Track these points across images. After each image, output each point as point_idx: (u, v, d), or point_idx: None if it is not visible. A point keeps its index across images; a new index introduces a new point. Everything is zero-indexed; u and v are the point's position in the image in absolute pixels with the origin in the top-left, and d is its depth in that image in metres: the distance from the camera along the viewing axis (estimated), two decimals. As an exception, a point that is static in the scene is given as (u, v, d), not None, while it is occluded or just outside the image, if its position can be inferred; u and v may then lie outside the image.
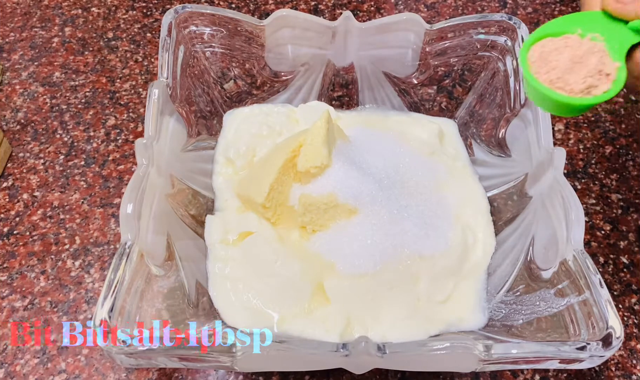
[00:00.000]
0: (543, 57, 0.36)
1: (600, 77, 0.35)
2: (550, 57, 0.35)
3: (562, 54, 0.35)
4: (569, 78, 0.35)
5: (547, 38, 0.36)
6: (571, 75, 0.35)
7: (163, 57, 0.47)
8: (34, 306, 0.46)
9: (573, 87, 0.35)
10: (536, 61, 0.36)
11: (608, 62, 0.35)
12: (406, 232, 0.45)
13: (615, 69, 0.35)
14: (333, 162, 0.45)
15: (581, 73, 0.35)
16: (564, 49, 0.36)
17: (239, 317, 0.42)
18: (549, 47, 0.36)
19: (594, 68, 0.35)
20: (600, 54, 0.35)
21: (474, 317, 0.44)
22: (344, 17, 0.51)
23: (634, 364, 0.45)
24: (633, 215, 0.53)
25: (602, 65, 0.35)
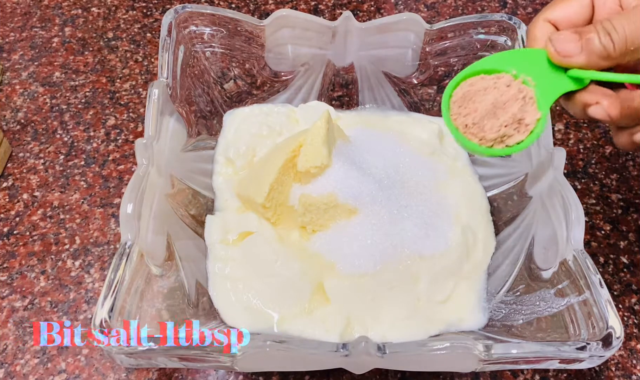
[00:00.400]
0: (467, 97, 0.35)
1: (518, 126, 0.34)
2: (475, 97, 0.35)
3: (486, 96, 0.34)
4: (485, 124, 0.34)
5: (480, 75, 0.35)
6: (489, 121, 0.34)
7: (163, 57, 0.47)
8: (34, 306, 0.46)
9: (487, 134, 0.34)
10: (458, 100, 0.35)
11: (531, 110, 0.34)
12: (406, 232, 0.45)
13: (535, 120, 0.34)
14: (333, 162, 0.45)
15: (499, 120, 0.34)
16: (492, 90, 0.34)
17: (239, 317, 0.42)
18: (477, 86, 0.35)
19: (513, 116, 0.34)
20: (525, 102, 0.34)
21: (474, 317, 0.44)
22: (344, 17, 0.51)
23: (634, 364, 0.45)
24: (633, 215, 0.53)
25: (523, 113, 0.34)
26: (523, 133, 0.34)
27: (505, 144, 0.35)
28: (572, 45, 0.33)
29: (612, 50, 0.32)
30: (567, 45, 0.34)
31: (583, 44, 0.33)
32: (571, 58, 0.33)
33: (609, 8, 0.35)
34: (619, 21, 0.32)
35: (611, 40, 0.32)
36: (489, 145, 0.35)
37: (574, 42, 0.33)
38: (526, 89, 0.34)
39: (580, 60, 0.33)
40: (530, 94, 0.34)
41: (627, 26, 0.32)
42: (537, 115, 0.34)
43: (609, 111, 0.33)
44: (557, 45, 0.34)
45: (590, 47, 0.33)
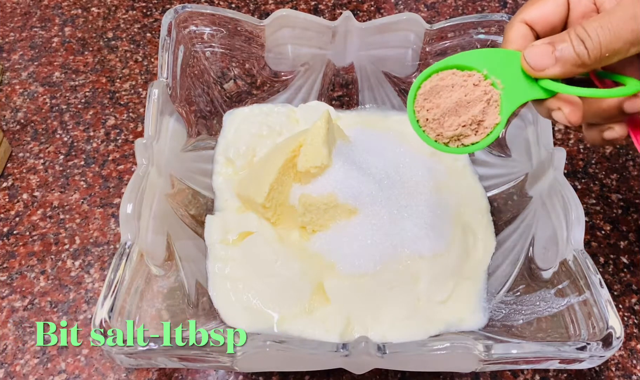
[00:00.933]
0: (435, 91, 0.35)
1: (477, 127, 0.35)
2: (442, 92, 0.35)
3: (452, 93, 0.34)
4: (446, 121, 0.35)
5: (453, 70, 0.35)
6: (449, 119, 0.35)
7: (163, 57, 0.47)
8: (33, 306, 0.46)
9: (445, 131, 0.35)
10: (425, 93, 0.35)
11: (492, 114, 0.34)
12: (406, 232, 0.45)
13: (493, 125, 0.35)
14: (333, 162, 0.45)
15: (460, 119, 0.34)
16: (459, 88, 0.34)
17: (239, 317, 0.42)
18: (447, 81, 0.35)
19: (473, 117, 0.34)
20: (488, 104, 0.34)
21: (474, 317, 0.44)
22: (344, 17, 0.51)
23: (634, 364, 0.45)
24: (633, 215, 0.53)
25: (484, 115, 0.34)
26: (479, 135, 0.35)
27: (461, 142, 0.35)
28: (546, 59, 0.33)
29: (586, 58, 0.32)
30: (540, 59, 0.33)
31: (557, 55, 0.33)
32: (546, 71, 0.33)
33: (584, 6, 0.35)
34: (592, 27, 0.32)
35: (585, 48, 0.32)
36: (445, 142, 0.35)
37: (547, 55, 0.33)
38: (493, 91, 0.34)
39: (555, 71, 0.33)
40: (496, 97, 0.34)
41: (601, 33, 0.32)
42: (496, 119, 0.34)
43: (569, 118, 0.34)
44: (530, 60, 0.34)
45: (565, 57, 0.33)
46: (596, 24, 0.32)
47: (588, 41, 0.32)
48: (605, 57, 0.32)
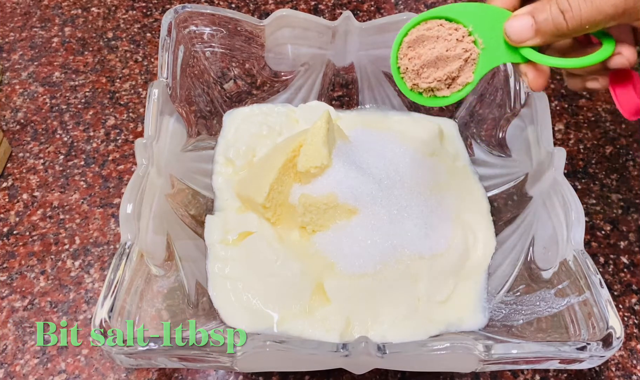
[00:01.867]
0: (420, 40, 0.36)
1: (451, 82, 0.36)
2: (426, 43, 0.36)
3: (436, 45, 0.36)
4: (424, 72, 0.36)
5: (441, 20, 0.36)
6: (427, 71, 0.36)
7: (163, 57, 0.47)
8: (33, 306, 0.46)
9: (420, 82, 0.36)
10: (410, 42, 0.36)
11: (467, 72, 0.36)
12: (406, 233, 0.45)
13: (465, 83, 0.36)
14: (333, 162, 0.45)
15: (436, 73, 0.36)
16: (442, 41, 0.36)
17: (239, 317, 0.42)
18: (433, 31, 0.36)
19: (449, 73, 0.36)
20: (466, 62, 0.36)
21: (474, 317, 0.44)
22: (344, 17, 0.51)
23: (634, 364, 0.45)
24: (633, 215, 0.53)
25: (459, 72, 0.36)
26: (450, 90, 0.37)
27: (433, 94, 0.37)
28: (526, 32, 0.34)
29: (565, 30, 0.33)
30: (520, 32, 0.34)
31: (536, 27, 0.34)
32: (525, 42, 0.35)
33: None
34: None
35: (565, 20, 0.33)
36: (419, 92, 0.37)
37: (526, 29, 0.34)
38: (473, 49, 0.36)
39: (534, 42, 0.35)
40: (474, 55, 0.36)
41: (583, 5, 0.32)
42: (469, 78, 0.36)
43: (531, 85, 0.36)
44: (510, 33, 0.35)
45: (543, 29, 0.34)
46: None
47: (569, 13, 0.33)
48: (584, 28, 0.33)
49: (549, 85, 0.63)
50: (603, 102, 0.61)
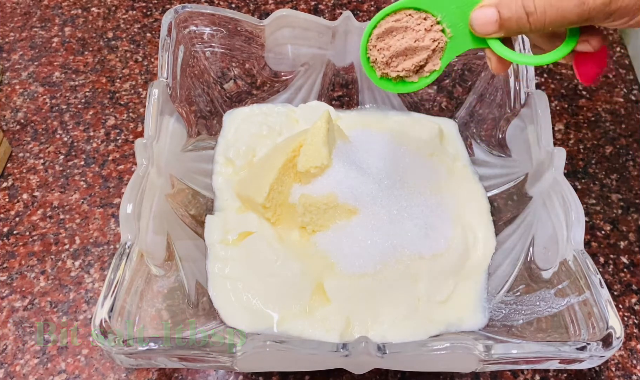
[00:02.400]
0: (388, 32, 0.37)
1: (418, 69, 0.38)
2: (396, 33, 0.37)
3: (405, 36, 0.37)
4: (393, 62, 0.37)
5: (410, 10, 0.37)
6: (396, 60, 0.37)
7: (163, 57, 0.47)
8: (33, 306, 0.46)
9: (390, 72, 0.38)
10: (380, 33, 0.37)
11: (434, 59, 0.37)
12: (406, 233, 0.45)
13: (432, 70, 0.38)
14: (333, 162, 0.45)
15: (404, 63, 0.37)
16: (411, 32, 0.37)
17: (239, 317, 0.42)
18: (402, 22, 0.37)
19: (417, 63, 0.37)
20: (433, 52, 0.37)
21: (474, 317, 0.44)
22: (344, 17, 0.51)
23: (634, 364, 0.45)
24: (633, 215, 0.53)
25: (427, 60, 0.37)
26: (418, 76, 0.38)
27: (402, 80, 0.38)
28: (489, 26, 0.35)
29: (527, 29, 0.34)
30: (484, 25, 0.35)
31: (500, 22, 0.34)
32: (490, 35, 0.35)
33: None
34: (541, 2, 0.32)
35: (528, 21, 0.33)
36: (388, 79, 0.39)
37: (491, 22, 0.35)
38: (441, 39, 0.37)
39: (498, 35, 0.35)
40: (442, 44, 0.37)
41: (548, 9, 0.32)
42: (436, 66, 0.37)
43: (495, 70, 0.37)
44: (476, 26, 0.35)
45: (506, 25, 0.34)
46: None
47: (533, 16, 0.33)
48: (547, 29, 0.33)
49: (549, 85, 0.63)
50: (603, 102, 0.61)
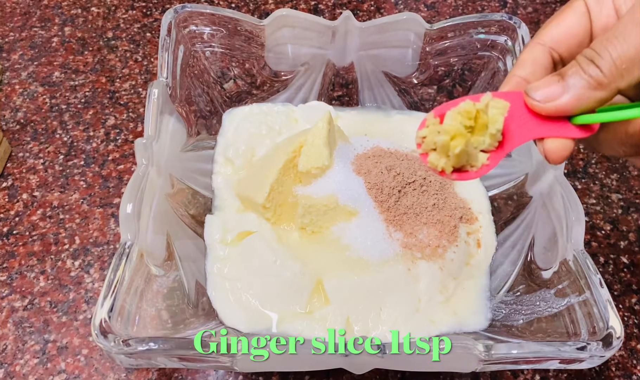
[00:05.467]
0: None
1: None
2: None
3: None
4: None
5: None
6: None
7: (163, 56, 0.47)
8: (33, 306, 0.46)
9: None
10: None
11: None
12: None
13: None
14: (334, 163, 0.45)
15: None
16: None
17: (238, 318, 0.42)
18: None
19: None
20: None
21: (474, 318, 0.44)
22: (344, 17, 0.51)
23: (634, 364, 0.45)
24: (633, 215, 0.53)
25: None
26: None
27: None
28: (553, 87, 0.29)
29: (601, 77, 0.28)
30: (546, 88, 0.29)
31: (565, 83, 0.29)
32: (557, 100, 0.29)
33: (606, 16, 0.31)
34: (599, 42, 0.28)
35: (596, 66, 0.28)
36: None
37: (554, 84, 0.29)
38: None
39: (567, 99, 0.29)
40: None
41: (610, 45, 0.28)
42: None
43: (552, 161, 0.31)
44: (534, 93, 0.30)
45: (575, 83, 0.28)
46: (603, 38, 0.28)
47: (597, 58, 0.28)
48: (623, 69, 0.28)
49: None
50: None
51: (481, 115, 0.30)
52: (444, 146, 0.30)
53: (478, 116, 0.30)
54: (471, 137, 0.31)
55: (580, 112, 0.29)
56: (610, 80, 0.28)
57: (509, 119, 0.30)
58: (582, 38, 0.32)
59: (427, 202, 0.46)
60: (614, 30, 0.28)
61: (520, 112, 0.31)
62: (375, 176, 0.46)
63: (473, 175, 0.32)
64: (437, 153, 0.31)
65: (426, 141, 0.32)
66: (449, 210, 0.47)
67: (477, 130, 0.31)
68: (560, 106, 0.29)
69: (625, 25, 0.28)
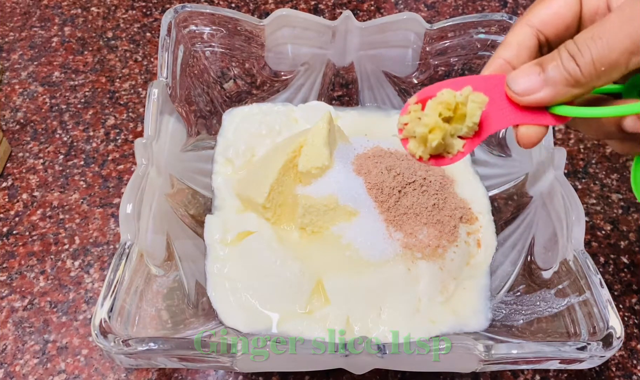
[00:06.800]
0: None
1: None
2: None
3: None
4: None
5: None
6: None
7: (163, 56, 0.47)
8: (33, 306, 0.46)
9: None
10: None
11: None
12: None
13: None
14: (334, 163, 0.45)
15: None
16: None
17: (238, 318, 0.42)
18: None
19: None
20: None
21: (475, 318, 0.44)
22: (344, 17, 0.51)
23: (634, 364, 0.45)
24: (633, 215, 0.53)
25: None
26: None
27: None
28: (533, 79, 0.30)
29: (579, 75, 0.28)
30: (526, 80, 0.30)
31: (545, 76, 0.29)
32: (535, 94, 0.30)
33: (596, 1, 0.31)
34: (583, 39, 0.28)
35: (577, 64, 0.28)
36: None
37: (534, 74, 0.30)
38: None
39: (545, 94, 0.29)
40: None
41: (592, 44, 0.28)
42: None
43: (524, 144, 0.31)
44: (514, 85, 0.30)
45: (554, 77, 0.29)
46: (588, 34, 0.28)
47: (579, 56, 0.28)
48: (602, 71, 0.28)
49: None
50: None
51: (460, 107, 0.31)
52: (422, 137, 0.32)
53: (457, 108, 0.31)
54: (449, 127, 0.32)
55: (557, 105, 0.30)
56: (587, 80, 0.29)
57: (488, 104, 0.31)
58: (570, 22, 0.32)
59: (427, 202, 0.46)
60: (601, 28, 0.28)
61: (499, 97, 0.32)
62: (375, 176, 0.46)
63: (448, 161, 0.33)
64: (416, 141, 0.33)
65: (407, 128, 0.33)
66: (449, 210, 0.47)
67: (456, 120, 0.32)
68: (538, 100, 0.30)
69: (612, 25, 0.28)
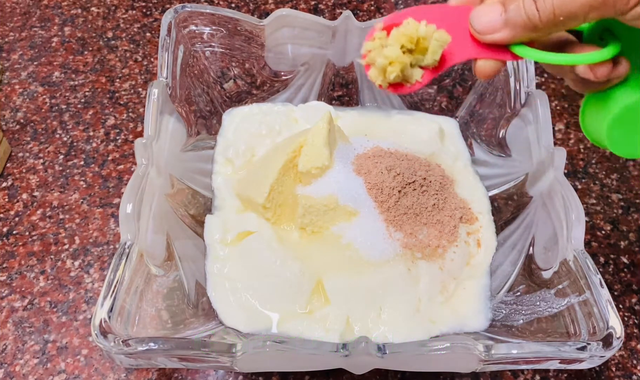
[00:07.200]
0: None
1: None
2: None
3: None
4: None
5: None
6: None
7: (163, 56, 0.47)
8: (33, 306, 0.46)
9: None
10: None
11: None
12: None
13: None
14: (334, 163, 0.45)
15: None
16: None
17: (238, 318, 0.42)
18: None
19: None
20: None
21: (475, 318, 0.43)
22: (344, 17, 0.51)
23: (634, 364, 0.45)
24: (633, 215, 0.53)
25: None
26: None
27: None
28: (494, 18, 0.31)
29: (537, 21, 0.30)
30: (487, 19, 0.31)
31: (505, 16, 0.31)
32: (495, 34, 0.31)
33: None
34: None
35: (537, 9, 0.29)
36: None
37: (495, 13, 0.31)
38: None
39: (503, 35, 0.31)
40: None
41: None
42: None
43: (480, 74, 0.34)
44: (475, 22, 0.32)
45: (514, 19, 0.30)
46: None
47: (540, 1, 0.29)
48: (559, 21, 0.29)
49: (549, 85, 0.63)
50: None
51: (422, 42, 0.33)
52: (382, 68, 0.34)
53: (420, 42, 0.33)
54: (410, 58, 0.33)
55: (515, 44, 0.32)
56: (544, 26, 0.30)
57: (451, 35, 0.33)
58: None
59: (427, 203, 0.46)
60: None
61: (462, 30, 0.33)
62: (375, 176, 0.46)
63: (407, 90, 0.35)
64: (377, 70, 0.34)
65: (370, 55, 0.34)
66: (449, 210, 0.47)
67: (418, 52, 0.34)
68: (496, 39, 0.32)
69: None
